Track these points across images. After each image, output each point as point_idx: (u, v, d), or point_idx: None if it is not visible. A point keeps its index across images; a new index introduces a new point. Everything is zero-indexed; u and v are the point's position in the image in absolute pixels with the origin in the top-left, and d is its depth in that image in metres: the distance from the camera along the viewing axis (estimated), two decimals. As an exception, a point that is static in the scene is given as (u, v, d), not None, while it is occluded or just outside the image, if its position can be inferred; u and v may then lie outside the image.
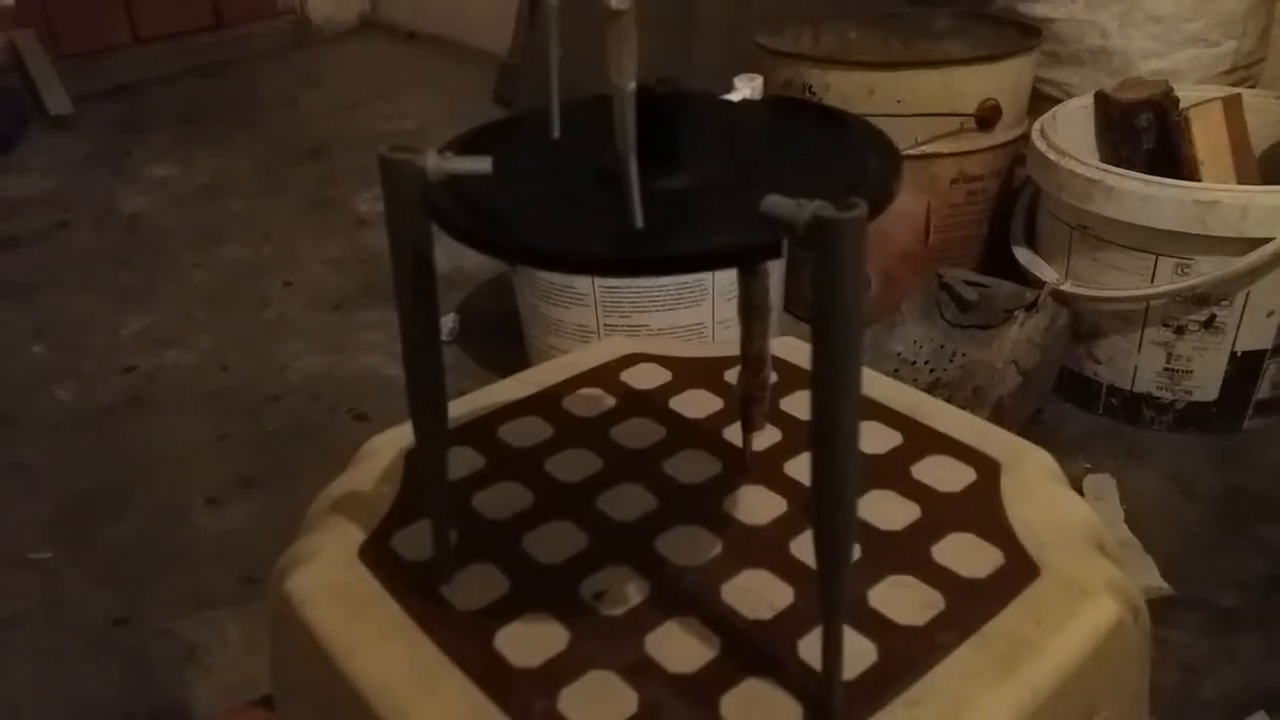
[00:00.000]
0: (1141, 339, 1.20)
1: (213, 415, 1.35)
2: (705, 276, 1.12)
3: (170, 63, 2.71)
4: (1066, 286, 1.22)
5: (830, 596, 0.35)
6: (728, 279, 1.10)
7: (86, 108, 2.46)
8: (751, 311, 0.45)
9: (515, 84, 2.34)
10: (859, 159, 0.36)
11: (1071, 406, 1.28)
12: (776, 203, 0.30)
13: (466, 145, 0.38)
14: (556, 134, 0.39)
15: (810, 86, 1.37)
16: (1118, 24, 1.41)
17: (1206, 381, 1.19)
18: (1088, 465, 1.16)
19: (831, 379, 0.31)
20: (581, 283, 1.13)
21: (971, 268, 1.39)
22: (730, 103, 0.45)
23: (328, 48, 3.01)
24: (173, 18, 2.73)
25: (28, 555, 1.11)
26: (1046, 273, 1.25)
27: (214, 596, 1.03)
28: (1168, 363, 1.20)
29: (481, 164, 0.34)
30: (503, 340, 1.39)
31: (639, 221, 0.32)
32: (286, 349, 1.50)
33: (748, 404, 0.49)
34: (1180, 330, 1.17)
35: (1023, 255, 1.31)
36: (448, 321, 1.49)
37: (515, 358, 1.32)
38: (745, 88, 1.21)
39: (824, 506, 0.34)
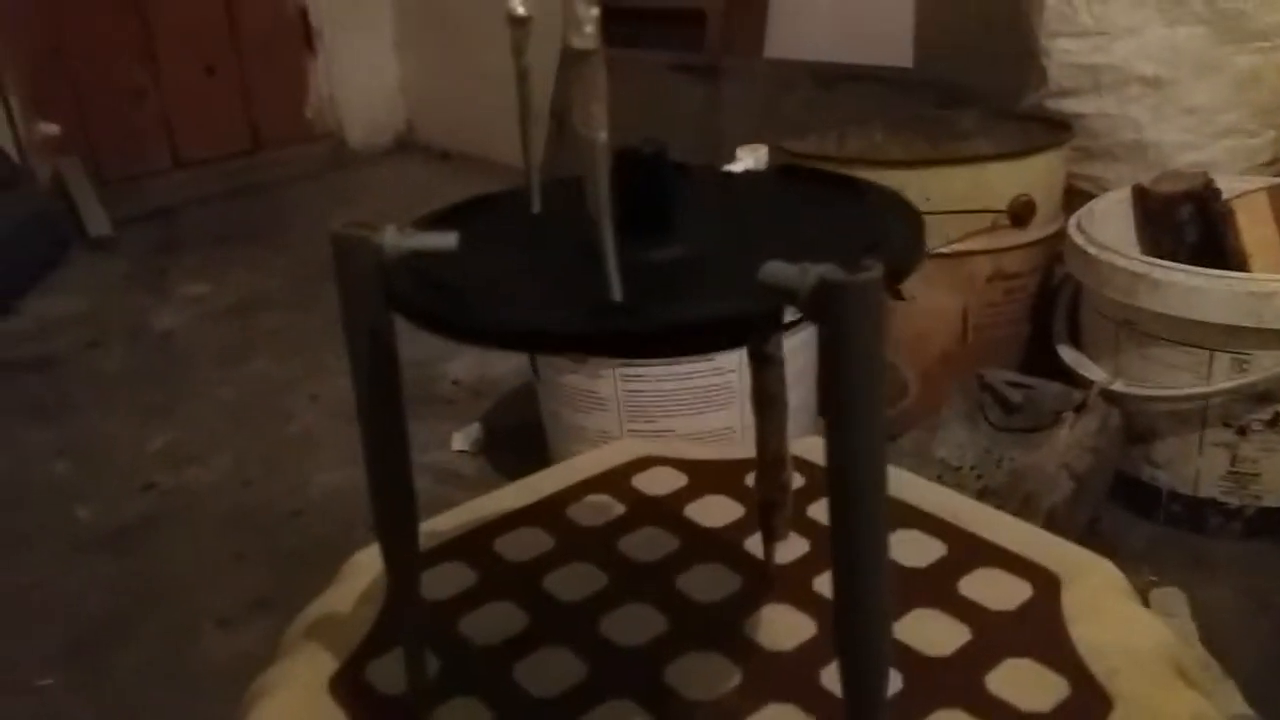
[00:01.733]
0: (1202, 440, 1.13)
1: (231, 533, 1.31)
2: (732, 376, 1.07)
3: (209, 185, 2.78)
4: (1116, 386, 1.16)
5: (862, 741, 0.30)
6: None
7: (127, 230, 2.51)
8: (766, 404, 0.40)
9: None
10: (876, 223, 0.32)
11: (1130, 514, 1.20)
12: (776, 268, 0.25)
13: (436, 222, 0.34)
14: (537, 208, 0.35)
15: (837, 187, 1.34)
16: (1150, 117, 1.38)
17: (1277, 485, 1.11)
18: (1153, 578, 1.08)
19: (850, 476, 0.26)
20: (603, 387, 1.09)
21: (1014, 368, 1.33)
22: (731, 174, 0.41)
23: (363, 168, 3.08)
24: (212, 142, 2.81)
25: (32, 682, 1.06)
26: (1094, 372, 1.19)
27: (217, 729, 0.97)
28: (1232, 465, 1.12)
29: (446, 240, 0.30)
30: (528, 450, 1.35)
31: (617, 294, 0.27)
32: (309, 463, 1.46)
33: (768, 509, 0.44)
34: (1243, 430, 1.10)
35: (1067, 354, 1.25)
36: (472, 431, 1.46)
37: (540, 468, 1.27)
38: (748, 158, 1.15)
39: (849, 630, 0.28)
